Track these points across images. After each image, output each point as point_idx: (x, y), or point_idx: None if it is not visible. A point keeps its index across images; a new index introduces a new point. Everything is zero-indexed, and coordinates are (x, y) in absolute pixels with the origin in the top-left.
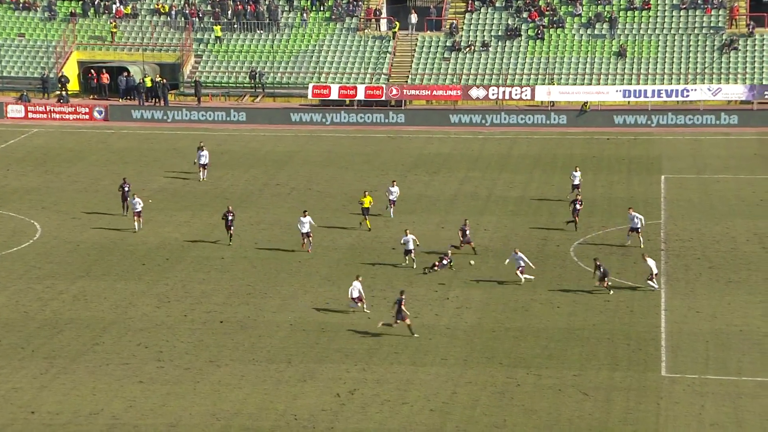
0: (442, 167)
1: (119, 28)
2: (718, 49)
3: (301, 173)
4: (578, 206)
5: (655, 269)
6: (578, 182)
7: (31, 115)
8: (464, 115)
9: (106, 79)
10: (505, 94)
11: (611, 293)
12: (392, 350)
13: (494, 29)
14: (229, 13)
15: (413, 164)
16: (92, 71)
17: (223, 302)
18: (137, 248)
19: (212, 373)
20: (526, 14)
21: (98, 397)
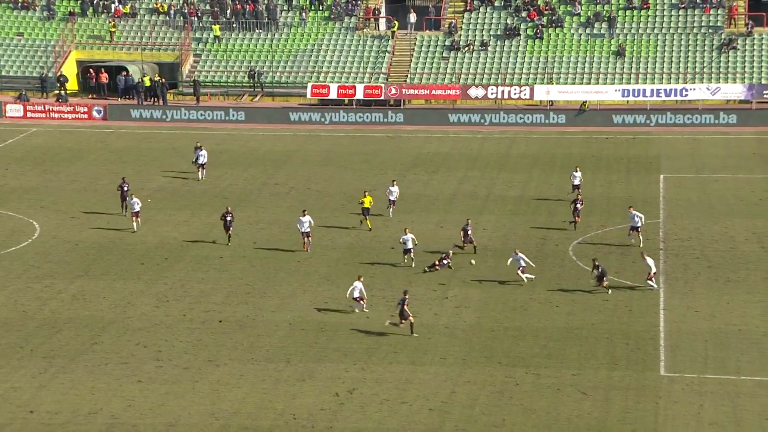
0: (441, 166)
1: (118, 27)
2: (716, 48)
3: (299, 172)
4: (579, 206)
5: (653, 268)
6: (578, 182)
7: (29, 114)
8: (463, 114)
9: (104, 78)
10: (504, 93)
11: (610, 292)
12: (391, 349)
13: (493, 28)
14: (227, 12)
15: (412, 163)
16: (91, 70)
17: (221, 301)
18: (136, 248)
19: (211, 372)
20: (525, 13)
21: (97, 396)
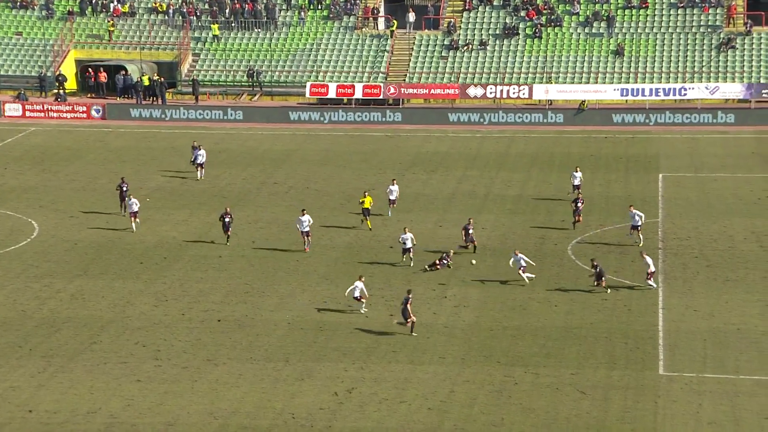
0: (439, 166)
1: (117, 26)
2: (715, 47)
3: (298, 172)
4: (579, 204)
5: (652, 267)
6: (579, 182)
7: (28, 113)
8: (462, 113)
9: (103, 77)
10: (502, 92)
11: (608, 292)
12: (390, 349)
13: (492, 28)
14: (226, 11)
15: (411, 163)
16: (90, 70)
17: (220, 301)
18: (135, 247)
19: (210, 371)
20: (523, 13)
21: (96, 395)
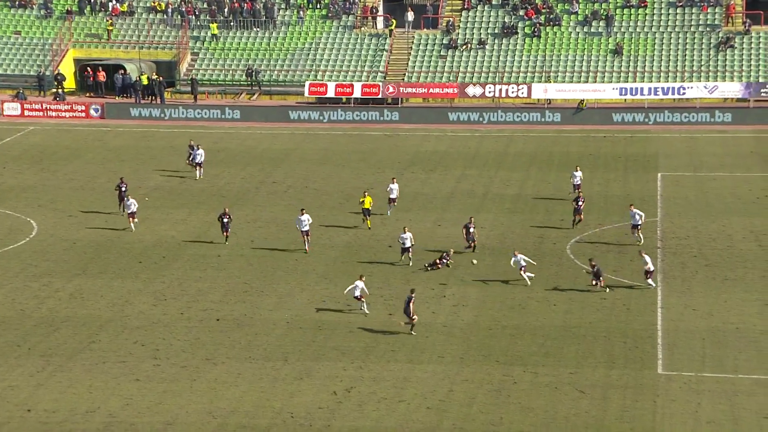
0: (438, 165)
1: (115, 25)
2: (714, 46)
3: (297, 171)
4: (580, 203)
5: (651, 266)
6: (579, 182)
7: (27, 113)
8: (461, 112)
9: (102, 76)
10: (501, 91)
11: (607, 291)
12: (389, 348)
13: (491, 27)
14: (225, 10)
15: (410, 162)
16: (89, 69)
17: (219, 300)
18: (134, 246)
19: (209, 371)
20: (522, 12)
21: (95, 395)
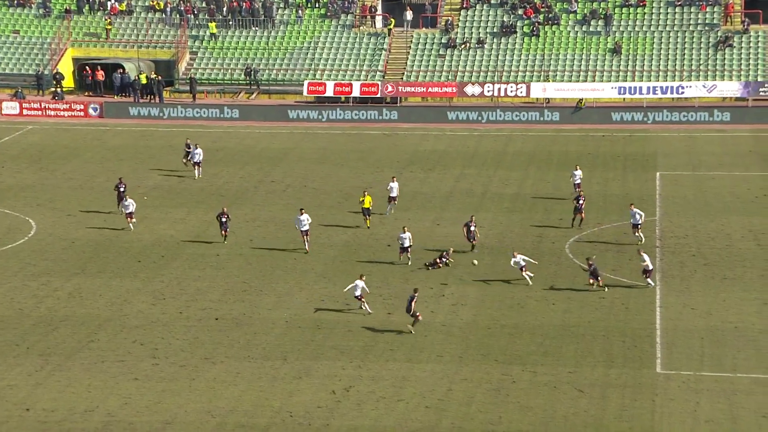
0: (437, 164)
1: (114, 24)
2: (713, 45)
3: (296, 170)
4: (581, 201)
5: (649, 265)
6: (579, 181)
7: (25, 112)
8: (460, 111)
9: (101, 76)
10: (500, 91)
11: (605, 290)
12: (388, 347)
13: (489, 26)
14: (224, 9)
15: (409, 161)
16: (87, 68)
17: (218, 299)
18: (132, 245)
19: (207, 370)
20: (521, 11)
21: (93, 394)
